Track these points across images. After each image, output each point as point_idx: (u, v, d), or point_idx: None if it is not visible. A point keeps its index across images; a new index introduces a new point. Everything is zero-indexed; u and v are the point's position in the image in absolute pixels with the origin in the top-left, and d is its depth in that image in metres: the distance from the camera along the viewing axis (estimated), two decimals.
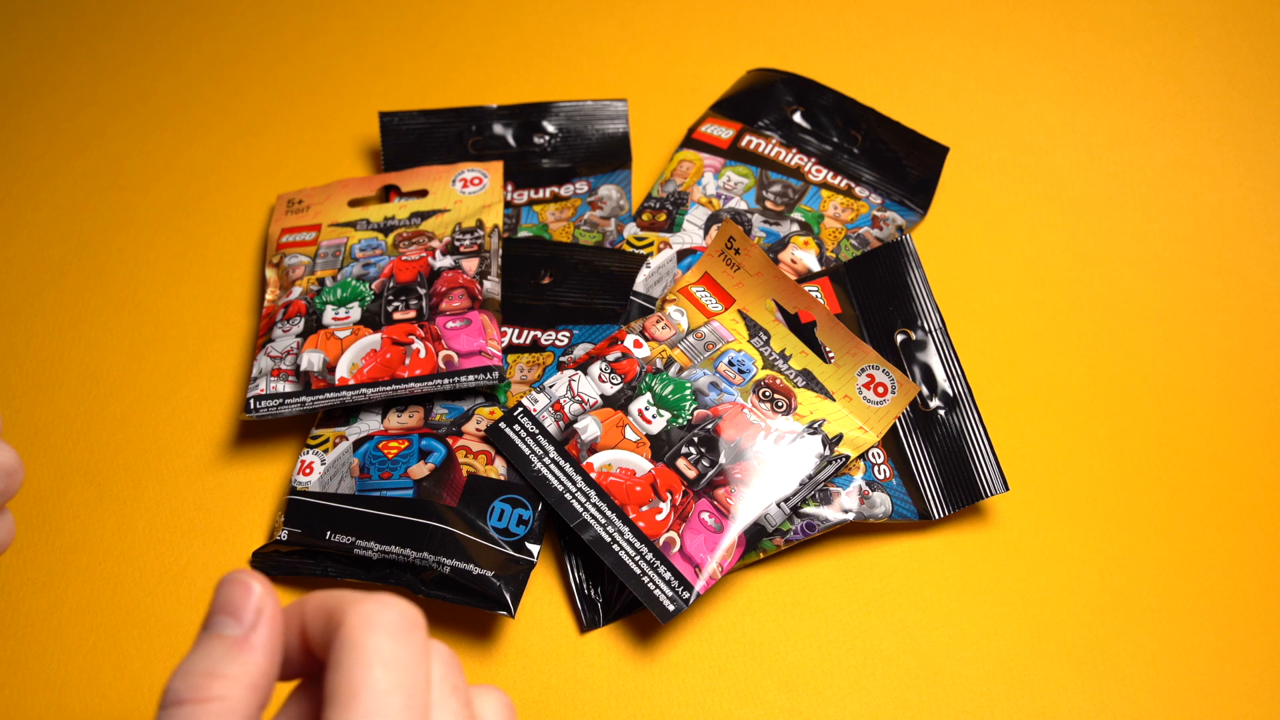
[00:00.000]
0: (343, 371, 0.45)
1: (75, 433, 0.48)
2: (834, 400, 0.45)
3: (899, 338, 0.47)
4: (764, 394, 0.45)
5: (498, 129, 0.56)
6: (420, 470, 0.44)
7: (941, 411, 0.46)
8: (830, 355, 0.45)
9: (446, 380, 0.45)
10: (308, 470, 0.45)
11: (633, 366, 0.46)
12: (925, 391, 0.46)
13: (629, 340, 0.46)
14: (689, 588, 0.41)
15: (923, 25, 0.62)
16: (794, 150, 0.55)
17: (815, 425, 0.44)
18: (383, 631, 0.24)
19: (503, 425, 0.44)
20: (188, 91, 0.60)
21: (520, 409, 0.45)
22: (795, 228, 0.52)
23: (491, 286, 0.48)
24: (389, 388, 0.45)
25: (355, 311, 0.47)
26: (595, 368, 0.46)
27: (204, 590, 0.44)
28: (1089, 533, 0.47)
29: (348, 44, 0.62)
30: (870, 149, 0.55)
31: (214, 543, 0.45)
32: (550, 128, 0.56)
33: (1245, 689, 0.43)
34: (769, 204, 0.53)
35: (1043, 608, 0.45)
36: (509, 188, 0.54)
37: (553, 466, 0.43)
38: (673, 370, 0.46)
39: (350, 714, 0.23)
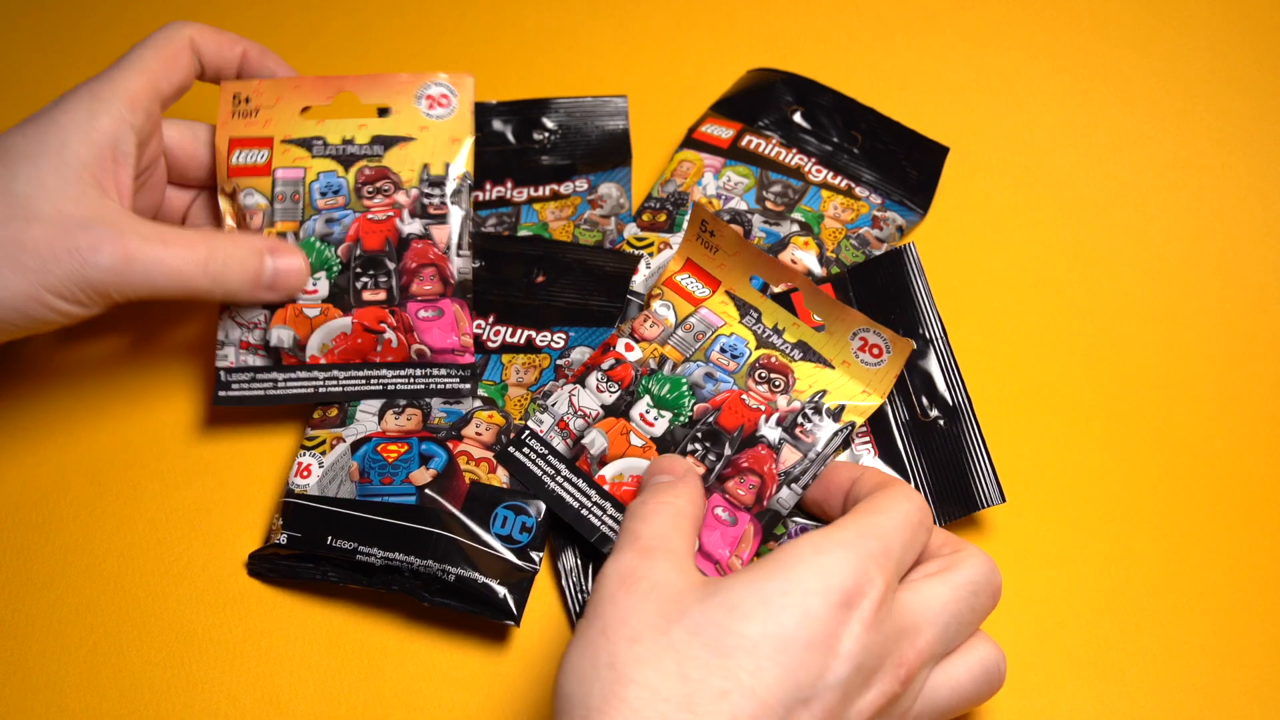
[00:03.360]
0: (313, 350, 0.45)
1: (75, 433, 0.48)
2: (833, 368, 0.44)
3: None
4: (760, 376, 0.45)
5: (497, 125, 0.56)
6: (422, 476, 0.44)
7: (941, 421, 0.46)
8: (821, 324, 0.45)
9: (419, 371, 0.45)
10: (305, 473, 0.45)
11: (627, 371, 0.45)
12: (924, 401, 0.46)
13: (620, 345, 0.46)
14: None
15: (923, 25, 0.62)
16: (794, 150, 0.55)
17: (815, 399, 0.44)
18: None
19: (512, 450, 0.45)
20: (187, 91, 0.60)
21: (527, 432, 0.45)
22: (795, 228, 0.52)
23: (463, 264, 0.47)
24: (361, 371, 0.45)
25: (323, 284, 0.46)
26: (592, 379, 0.45)
27: (204, 591, 0.44)
28: (1090, 538, 0.47)
29: (347, 44, 0.62)
30: (870, 149, 0.55)
31: (214, 543, 0.45)
32: (550, 124, 0.56)
33: (1245, 690, 0.43)
34: (769, 204, 0.53)
35: (1042, 609, 0.45)
36: (508, 184, 0.54)
37: (566, 485, 0.43)
38: (666, 368, 0.45)
39: (885, 502, 0.35)
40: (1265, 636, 0.45)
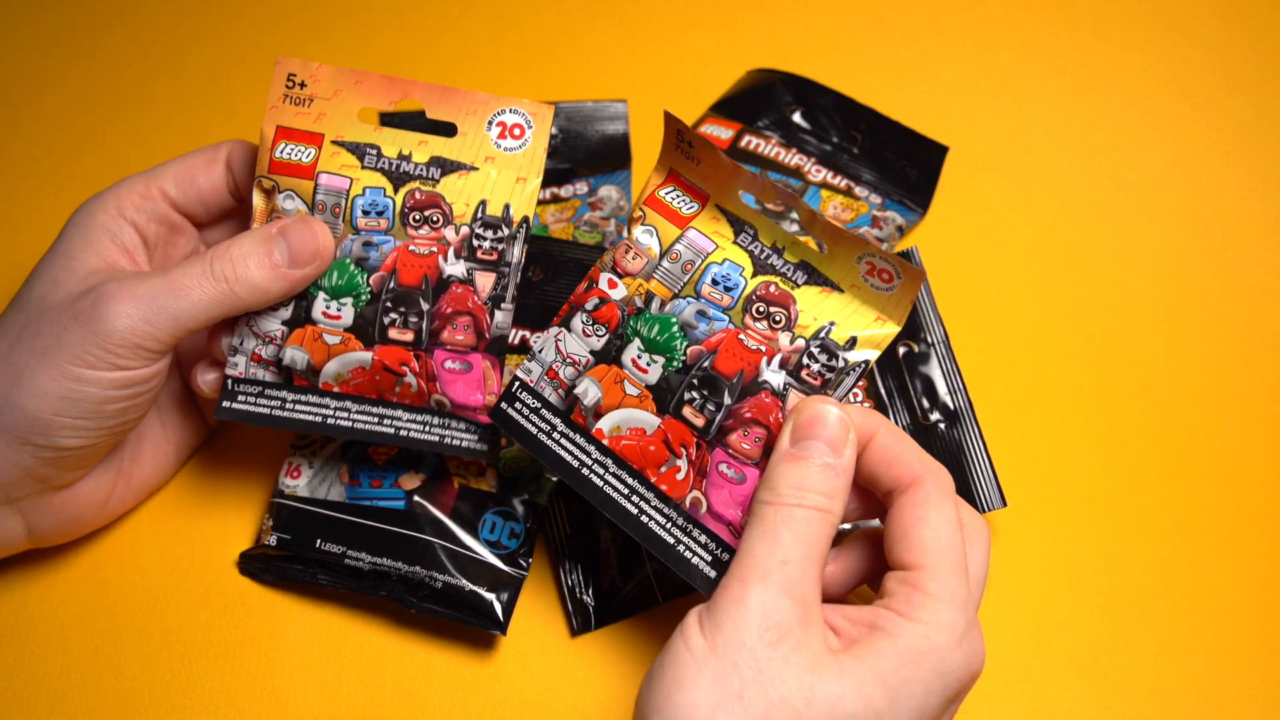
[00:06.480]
0: (327, 378, 0.42)
1: None
2: (842, 291, 0.39)
3: (901, 350, 0.47)
4: (758, 311, 0.39)
5: None
6: (411, 481, 0.44)
7: (942, 425, 0.45)
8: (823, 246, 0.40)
9: (437, 420, 0.42)
10: (295, 473, 0.45)
11: (613, 312, 0.40)
12: (926, 404, 0.46)
13: (603, 280, 0.41)
14: (730, 550, 0.37)
15: (923, 25, 0.62)
16: (794, 150, 0.55)
17: (822, 334, 0.39)
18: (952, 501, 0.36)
19: (503, 405, 0.40)
20: (188, 92, 0.60)
21: (516, 383, 0.40)
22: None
23: (503, 319, 0.42)
24: (376, 409, 0.42)
25: (348, 311, 0.42)
26: (577, 321, 0.40)
27: (204, 593, 0.44)
28: (1090, 540, 0.47)
29: (347, 46, 0.62)
30: (870, 149, 0.55)
31: (215, 545, 0.45)
32: (550, 128, 0.56)
33: (1245, 690, 0.44)
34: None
35: (1043, 610, 0.45)
36: None
37: (563, 441, 0.39)
38: (654, 306, 0.40)
39: (944, 564, 0.34)
40: (1265, 636, 0.45)
